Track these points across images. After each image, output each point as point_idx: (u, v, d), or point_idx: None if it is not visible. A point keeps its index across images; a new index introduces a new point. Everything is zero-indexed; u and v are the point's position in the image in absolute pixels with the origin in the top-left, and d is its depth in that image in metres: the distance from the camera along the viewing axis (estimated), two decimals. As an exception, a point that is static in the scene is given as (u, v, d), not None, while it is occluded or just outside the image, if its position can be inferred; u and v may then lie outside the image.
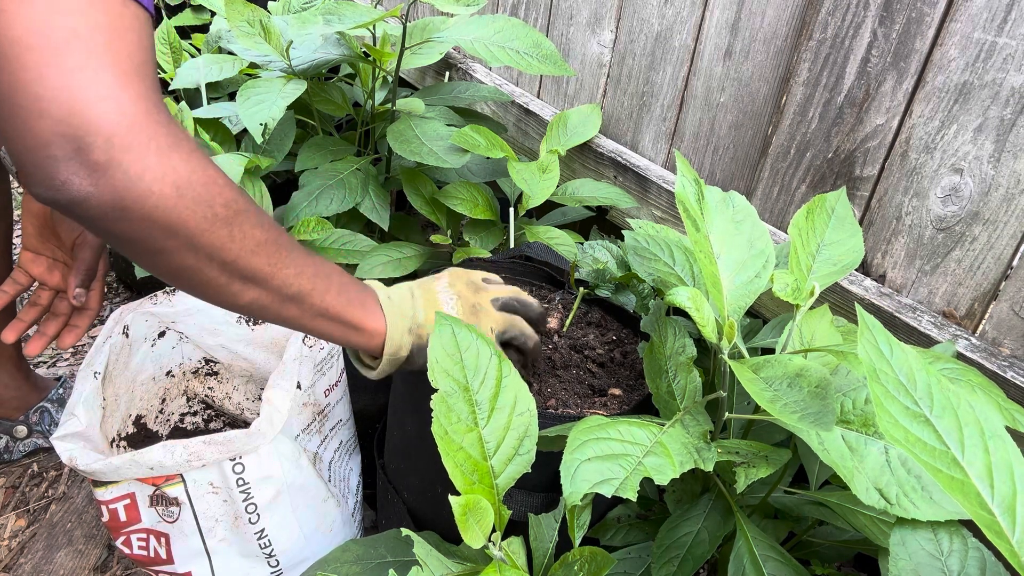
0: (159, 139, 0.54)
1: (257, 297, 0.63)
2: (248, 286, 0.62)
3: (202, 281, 0.60)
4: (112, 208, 0.53)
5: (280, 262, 0.63)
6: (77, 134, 0.51)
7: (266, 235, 0.62)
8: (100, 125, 0.51)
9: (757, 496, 0.81)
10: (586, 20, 1.32)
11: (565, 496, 0.60)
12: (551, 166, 1.21)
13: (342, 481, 0.99)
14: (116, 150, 0.52)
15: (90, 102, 0.51)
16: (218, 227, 0.58)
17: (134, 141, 0.52)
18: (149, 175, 0.53)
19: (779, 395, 0.58)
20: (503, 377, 0.68)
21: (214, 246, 0.58)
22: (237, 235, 0.59)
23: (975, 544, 0.55)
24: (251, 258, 0.61)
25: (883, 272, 0.98)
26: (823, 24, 0.96)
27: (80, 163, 0.51)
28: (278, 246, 0.63)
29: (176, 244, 0.57)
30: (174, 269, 0.59)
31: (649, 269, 0.85)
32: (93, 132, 0.51)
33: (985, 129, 0.84)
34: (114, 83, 0.52)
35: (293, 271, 0.64)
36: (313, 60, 1.24)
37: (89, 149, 0.51)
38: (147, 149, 0.53)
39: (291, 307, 0.66)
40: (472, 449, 0.65)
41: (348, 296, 0.70)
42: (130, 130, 0.52)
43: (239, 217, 0.59)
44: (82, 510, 1.12)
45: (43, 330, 0.94)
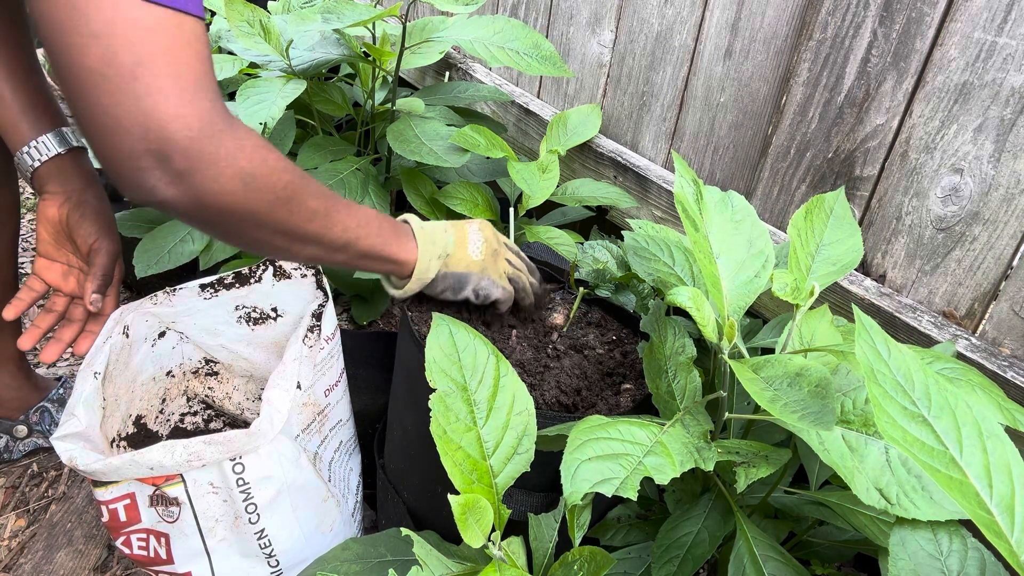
0: (225, 144, 0.63)
1: (314, 252, 0.76)
2: (307, 245, 0.75)
3: (271, 247, 0.73)
4: (194, 206, 0.63)
5: (330, 223, 0.75)
6: (158, 149, 0.60)
7: (318, 204, 0.73)
8: (176, 139, 0.60)
9: (757, 496, 0.81)
10: (586, 20, 1.32)
11: (565, 495, 0.60)
12: (551, 166, 1.21)
13: (342, 481, 0.99)
14: (192, 160, 0.61)
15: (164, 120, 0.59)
16: (279, 207, 0.69)
17: (205, 149, 0.61)
18: (222, 177, 0.63)
19: (779, 395, 0.58)
20: (501, 377, 0.68)
21: (278, 222, 0.70)
22: (295, 210, 0.70)
23: (975, 544, 0.55)
24: (307, 226, 0.73)
25: (883, 272, 0.98)
26: (823, 24, 0.96)
27: (163, 172, 0.61)
28: (327, 211, 0.74)
29: (248, 225, 0.68)
30: (248, 241, 0.72)
31: (649, 269, 0.85)
32: (172, 145, 0.60)
33: (985, 129, 0.84)
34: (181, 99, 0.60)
35: (340, 228, 0.76)
36: (313, 60, 1.24)
37: (170, 160, 0.60)
38: (217, 155, 0.62)
39: (340, 254, 0.78)
40: (471, 448, 0.65)
41: (384, 236, 0.82)
42: (200, 140, 0.61)
43: (296, 195, 0.70)
44: (82, 510, 1.12)
45: (59, 336, 0.94)
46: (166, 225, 1.22)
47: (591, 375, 0.90)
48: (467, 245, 0.89)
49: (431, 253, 0.85)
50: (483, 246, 0.90)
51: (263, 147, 0.67)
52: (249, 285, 0.99)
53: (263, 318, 1.02)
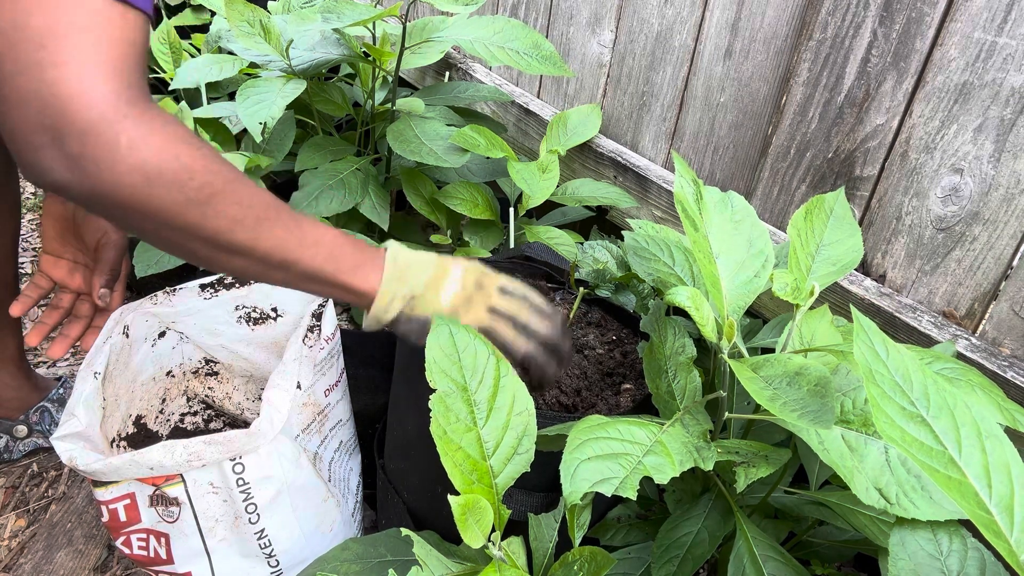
0: (128, 132, 0.57)
1: (245, 265, 0.68)
2: (234, 256, 0.66)
3: (193, 253, 0.65)
4: (90, 194, 0.58)
5: (260, 236, 0.66)
6: (54, 125, 0.55)
7: (244, 212, 0.65)
8: (75, 119, 0.55)
9: (757, 496, 0.81)
10: (586, 20, 1.32)
11: (565, 495, 0.60)
12: (551, 166, 1.21)
13: (342, 481, 0.99)
14: (88, 144, 0.56)
15: (66, 96, 0.55)
16: (191, 209, 0.61)
17: (103, 134, 0.56)
18: (119, 168, 0.57)
19: (778, 393, 0.58)
20: (501, 377, 0.68)
21: (190, 225, 0.62)
22: (211, 215, 0.63)
23: (974, 544, 0.55)
24: (229, 235, 0.64)
25: (883, 272, 0.98)
26: (823, 24, 0.96)
27: (57, 152, 0.56)
28: (257, 221, 0.66)
29: (154, 225, 0.61)
30: (164, 242, 0.65)
31: (649, 269, 0.85)
32: (68, 125, 0.55)
33: (985, 129, 0.84)
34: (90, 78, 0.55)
35: (275, 243, 0.67)
36: (313, 60, 1.24)
37: (65, 140, 0.55)
38: (115, 142, 0.56)
39: (278, 272, 0.70)
40: (471, 449, 0.65)
41: (337, 263, 0.73)
42: (102, 123, 0.56)
43: (215, 199, 0.62)
44: (82, 510, 1.12)
45: (65, 332, 0.94)
46: (166, 225, 1.22)
47: (591, 375, 0.90)
48: (441, 288, 0.78)
49: (394, 291, 0.75)
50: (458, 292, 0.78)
51: (181, 141, 0.61)
52: (249, 285, 0.99)
53: (263, 318, 1.02)
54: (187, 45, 1.65)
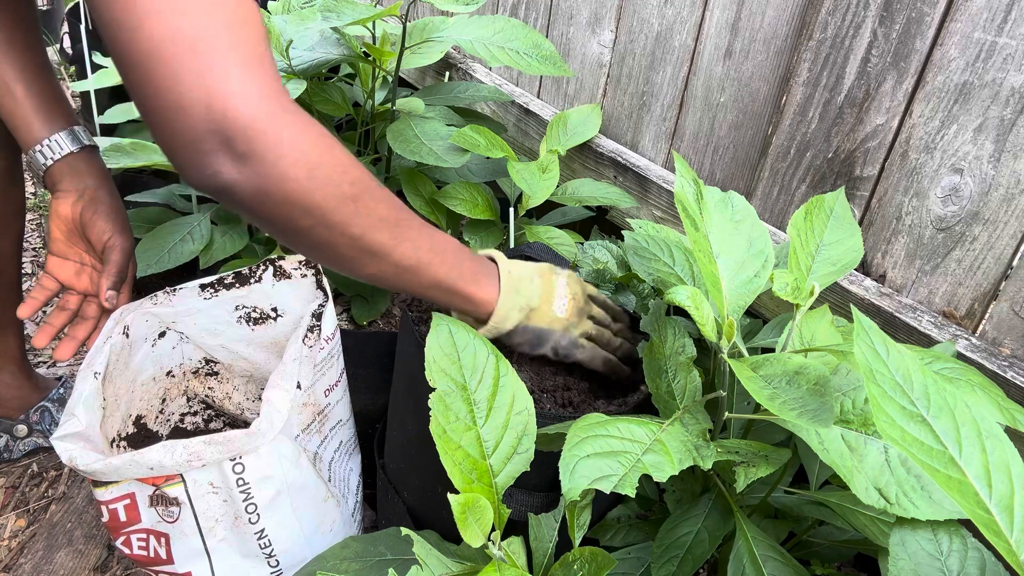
0: (289, 126, 0.59)
1: (380, 269, 0.69)
2: (372, 259, 0.68)
3: (335, 254, 0.67)
4: (256, 192, 0.59)
5: (400, 236, 0.69)
6: (219, 128, 0.56)
7: (388, 211, 0.67)
8: (236, 118, 0.56)
9: (757, 496, 0.81)
10: (586, 20, 1.32)
11: (564, 491, 0.60)
12: (551, 166, 1.21)
13: (342, 481, 0.99)
14: (254, 140, 0.57)
15: (226, 98, 0.56)
16: (345, 204, 0.63)
17: (268, 130, 0.57)
18: (284, 161, 0.58)
19: (778, 392, 0.58)
20: (500, 376, 0.68)
21: (342, 222, 0.64)
22: (363, 211, 0.65)
23: (975, 544, 0.55)
24: (375, 233, 0.66)
25: (883, 272, 0.98)
26: (823, 24, 0.96)
27: (226, 153, 0.57)
28: (398, 221, 0.69)
29: (311, 222, 0.62)
30: (312, 244, 0.65)
31: (649, 269, 0.85)
32: (232, 125, 0.56)
33: (985, 129, 0.84)
34: (243, 78, 0.57)
35: (411, 245, 0.70)
36: (313, 60, 1.24)
37: (232, 142, 0.57)
38: (279, 137, 0.58)
39: (408, 277, 0.71)
40: (470, 448, 0.65)
41: (460, 270, 0.75)
42: (262, 119, 0.57)
43: (364, 194, 0.65)
44: (82, 510, 1.12)
45: (72, 334, 0.94)
46: (166, 225, 1.22)
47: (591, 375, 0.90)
48: (553, 300, 0.82)
49: (513, 303, 0.78)
50: (570, 303, 0.83)
51: (328, 136, 0.63)
52: (249, 285, 0.99)
53: (263, 318, 1.02)
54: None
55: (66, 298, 0.96)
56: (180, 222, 1.23)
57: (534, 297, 0.80)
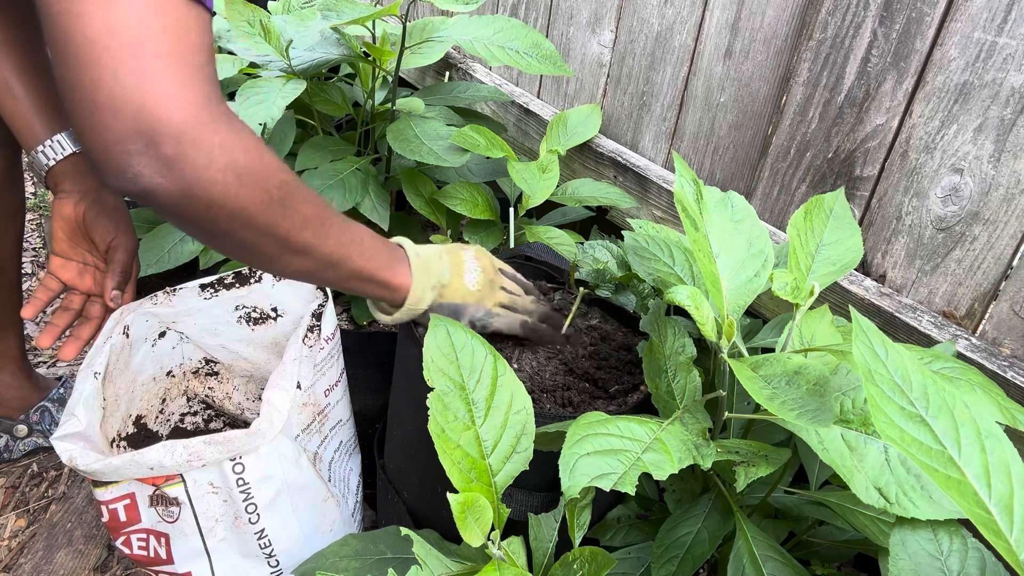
0: (221, 133, 0.59)
1: (303, 265, 0.71)
2: (297, 256, 0.69)
3: (261, 254, 0.68)
4: (181, 197, 0.59)
5: (324, 233, 0.70)
6: (149, 130, 0.56)
7: (312, 210, 0.69)
8: (169, 122, 0.56)
9: (757, 496, 0.81)
10: (586, 20, 1.32)
11: (564, 488, 0.60)
12: (551, 166, 1.21)
13: (342, 481, 0.99)
14: (184, 145, 0.57)
15: (160, 101, 0.56)
16: (273, 207, 0.64)
17: (200, 136, 0.57)
18: (214, 167, 0.59)
19: (777, 392, 0.58)
20: (499, 376, 0.68)
21: (270, 224, 0.65)
22: (289, 214, 0.66)
23: (975, 544, 0.55)
24: (300, 233, 0.68)
25: (883, 272, 0.98)
26: (823, 24, 0.96)
27: (151, 157, 0.56)
28: (322, 220, 0.70)
29: (237, 225, 0.63)
30: (235, 246, 0.66)
31: (649, 269, 0.85)
32: (163, 129, 0.56)
33: (985, 129, 0.84)
34: (180, 82, 0.57)
35: (335, 241, 0.71)
36: (313, 60, 1.24)
37: (160, 144, 0.56)
38: (211, 143, 0.58)
39: (331, 271, 0.73)
40: (469, 447, 0.65)
41: (379, 258, 0.77)
42: (195, 126, 0.57)
43: (290, 197, 0.66)
44: (82, 510, 1.12)
45: (77, 334, 0.95)
46: (166, 225, 1.22)
47: (591, 374, 0.90)
48: (463, 274, 0.85)
49: (425, 283, 0.81)
50: (480, 276, 0.86)
51: (260, 144, 0.64)
52: (249, 285, 0.99)
53: (263, 318, 1.02)
54: (187, 45, 1.65)
55: (69, 298, 0.96)
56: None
57: (444, 274, 0.83)
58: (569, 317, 0.96)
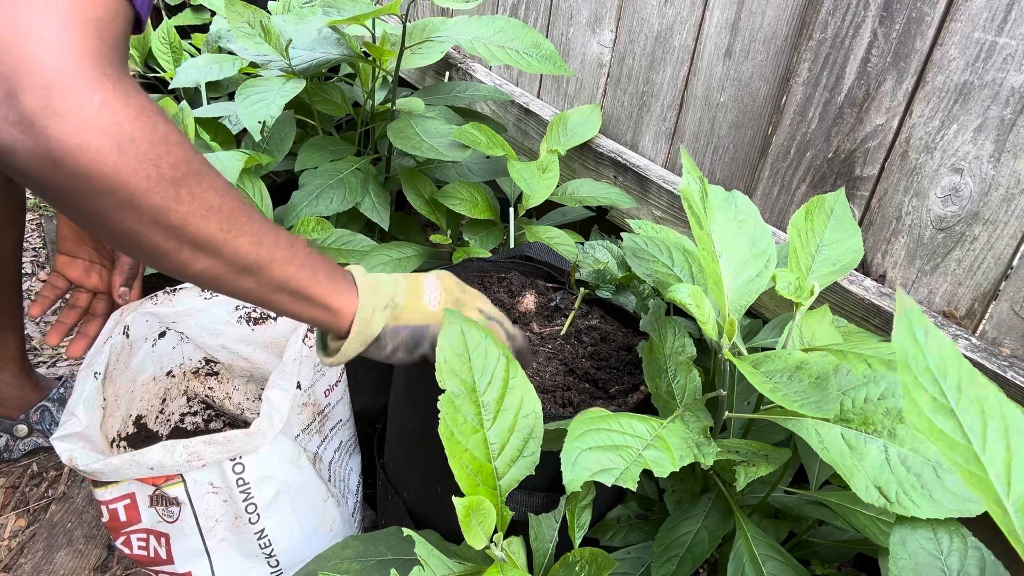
0: (104, 92, 0.50)
1: (209, 267, 0.59)
2: (199, 254, 0.58)
3: (147, 247, 0.56)
4: (43, 159, 0.49)
5: (235, 229, 0.58)
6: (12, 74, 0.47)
7: (220, 200, 0.57)
8: (40, 68, 0.48)
9: (757, 496, 0.81)
10: (586, 20, 1.32)
11: (565, 482, 0.60)
12: (551, 166, 1.21)
13: (342, 481, 0.99)
14: (53, 97, 0.48)
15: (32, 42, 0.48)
16: (163, 188, 0.53)
17: (74, 90, 0.48)
18: (87, 128, 0.49)
19: (779, 386, 0.58)
20: (510, 378, 0.68)
21: (158, 208, 0.53)
22: (185, 197, 0.55)
23: (975, 543, 0.55)
24: (201, 223, 0.56)
25: (883, 272, 0.98)
26: (823, 24, 0.96)
27: (10, 107, 0.47)
28: (233, 211, 0.58)
29: (113, 203, 0.52)
30: (115, 232, 0.55)
31: (648, 270, 0.85)
32: (30, 74, 0.47)
33: (985, 129, 0.84)
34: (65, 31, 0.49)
35: (249, 240, 0.60)
36: (313, 59, 1.24)
37: (23, 92, 0.47)
38: (89, 100, 0.49)
39: (247, 279, 0.61)
40: (476, 451, 0.65)
41: (313, 271, 0.66)
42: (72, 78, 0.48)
43: (189, 179, 0.55)
44: (82, 510, 1.12)
45: (84, 331, 0.95)
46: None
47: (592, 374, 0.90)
48: (421, 295, 0.74)
49: (375, 302, 0.69)
50: (442, 294, 0.75)
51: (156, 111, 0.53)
52: (249, 285, 0.99)
53: (263, 318, 1.02)
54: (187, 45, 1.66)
55: (76, 296, 0.96)
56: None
57: (399, 293, 0.72)
58: (569, 317, 0.96)
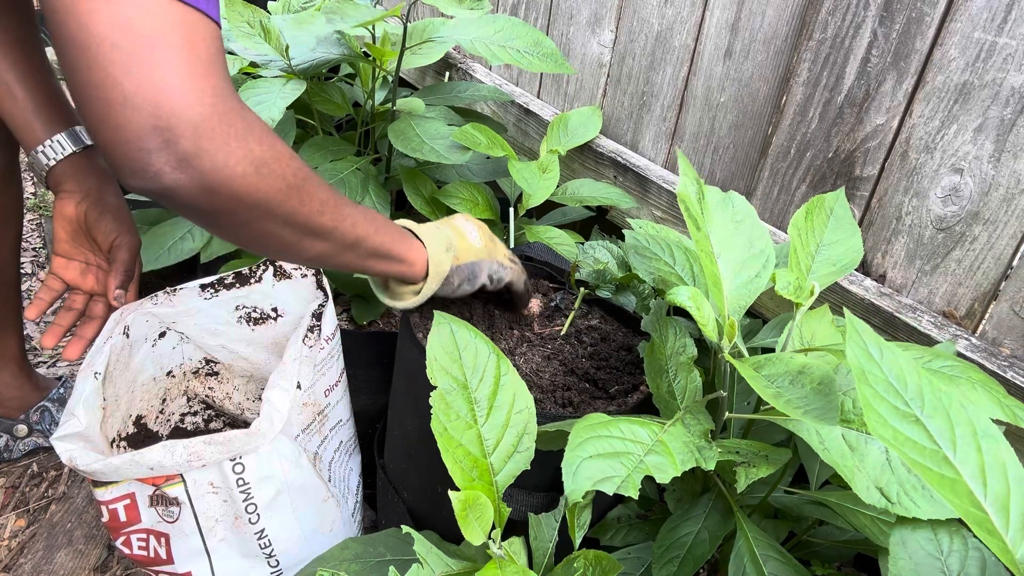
0: (236, 125, 0.59)
1: (323, 250, 0.72)
2: (316, 241, 0.70)
3: (278, 243, 0.68)
4: (202, 192, 0.58)
5: (339, 215, 0.71)
6: (166, 126, 0.55)
7: (326, 194, 0.69)
8: (185, 117, 0.55)
9: (757, 496, 0.81)
10: (586, 20, 1.32)
11: (567, 493, 0.60)
12: (551, 166, 1.21)
13: (342, 481, 0.99)
14: (202, 139, 0.56)
15: (174, 95, 0.55)
16: (291, 195, 0.64)
17: (216, 130, 0.57)
18: (232, 159, 0.58)
19: (782, 391, 0.58)
20: (501, 375, 0.68)
21: (288, 212, 0.65)
22: (306, 199, 0.66)
23: (975, 544, 0.55)
24: (318, 218, 0.68)
25: (883, 272, 0.98)
26: (823, 24, 0.96)
27: (170, 153, 0.56)
28: (336, 202, 0.71)
29: (257, 215, 0.63)
30: (255, 236, 0.66)
31: (649, 268, 0.85)
32: (180, 124, 0.55)
33: (985, 129, 0.84)
34: (194, 76, 0.56)
35: (351, 222, 0.72)
36: (313, 60, 1.24)
37: (178, 140, 0.55)
38: (228, 136, 0.58)
39: (349, 253, 0.74)
40: (471, 446, 0.65)
41: (391, 234, 0.78)
42: (212, 120, 0.57)
43: (306, 184, 0.66)
44: (82, 510, 1.12)
45: (81, 333, 0.95)
46: (166, 223, 1.22)
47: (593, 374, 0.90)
48: (466, 236, 0.88)
49: (439, 248, 0.83)
50: (480, 233, 0.89)
51: (272, 132, 0.64)
52: (249, 285, 0.99)
53: (263, 318, 1.02)
54: (187, 45, 1.65)
55: (72, 298, 0.96)
56: (180, 220, 1.23)
57: (452, 236, 0.85)
58: (570, 317, 0.96)
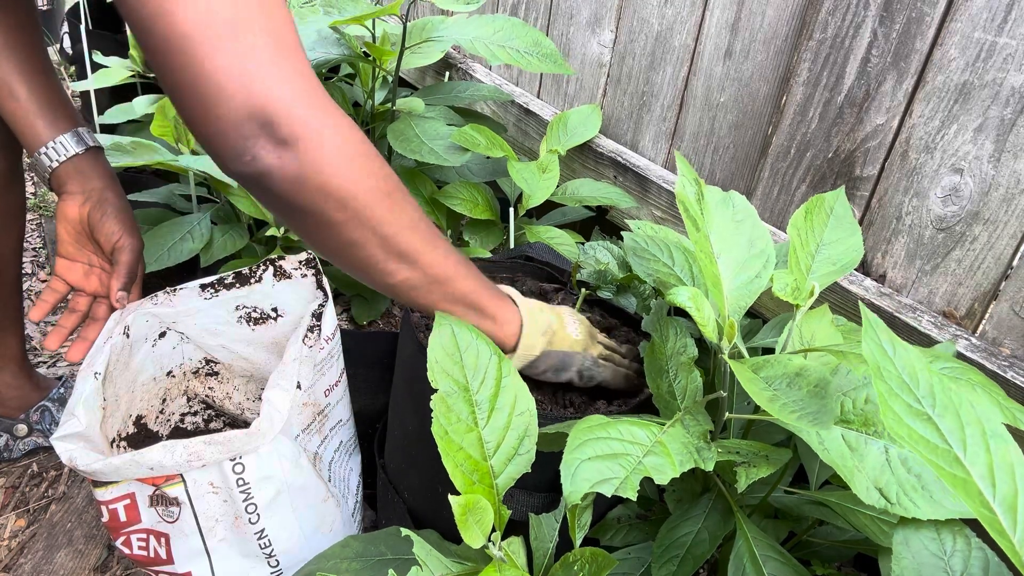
0: (330, 114, 0.58)
1: (408, 277, 0.67)
2: (402, 265, 0.65)
3: (362, 256, 0.64)
4: (294, 179, 0.57)
5: (430, 243, 0.67)
6: (262, 112, 0.55)
7: (416, 214, 0.66)
8: (280, 102, 0.55)
9: (757, 496, 0.81)
10: (586, 20, 1.32)
11: (565, 495, 0.60)
12: (551, 166, 1.21)
13: (342, 481, 0.99)
14: (296, 124, 0.56)
15: (266, 82, 0.55)
16: (381, 199, 0.62)
17: (310, 116, 0.57)
18: (326, 147, 0.57)
19: (778, 394, 0.58)
20: (503, 377, 0.68)
21: (377, 219, 0.62)
22: (396, 209, 0.63)
23: (978, 544, 0.55)
24: (408, 234, 0.64)
25: (883, 272, 0.98)
26: (823, 24, 0.96)
27: (267, 138, 0.56)
28: (428, 225, 0.67)
29: (346, 216, 0.60)
30: (342, 244, 0.63)
31: (648, 269, 0.85)
32: (276, 110, 0.55)
33: (985, 129, 0.84)
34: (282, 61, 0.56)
35: (442, 252, 0.68)
36: (313, 60, 1.24)
37: (276, 126, 0.56)
38: (322, 123, 0.57)
39: (436, 289, 0.69)
40: (472, 449, 0.65)
41: (485, 286, 0.73)
42: (306, 105, 0.56)
43: (396, 191, 0.63)
44: (82, 510, 1.12)
45: (84, 335, 0.95)
46: (166, 224, 1.22)
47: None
48: (566, 325, 0.82)
49: (536, 327, 0.77)
50: (580, 326, 0.83)
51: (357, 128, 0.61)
52: (249, 285, 0.99)
53: (263, 318, 1.02)
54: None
55: (76, 299, 0.96)
56: (180, 221, 1.23)
57: (553, 321, 0.80)
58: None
